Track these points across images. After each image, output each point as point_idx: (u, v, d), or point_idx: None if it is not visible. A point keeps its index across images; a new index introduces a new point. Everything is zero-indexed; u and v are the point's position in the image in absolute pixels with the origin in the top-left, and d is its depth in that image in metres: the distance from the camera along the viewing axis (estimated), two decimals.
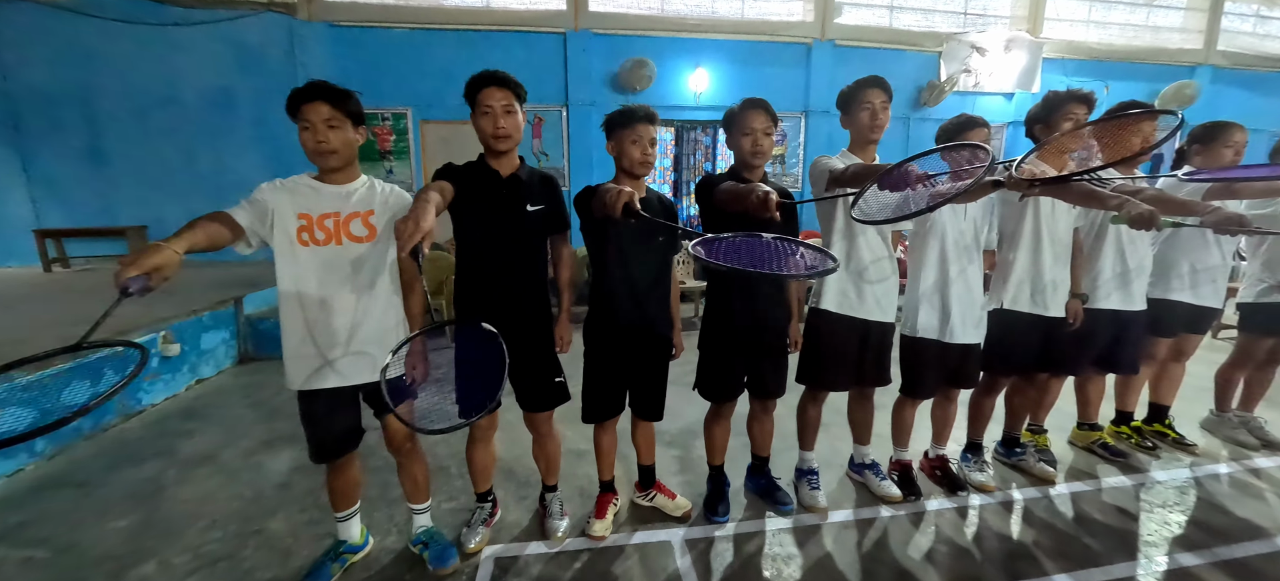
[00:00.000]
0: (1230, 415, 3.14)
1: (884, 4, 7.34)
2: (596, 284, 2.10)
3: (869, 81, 2.14)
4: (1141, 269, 2.52)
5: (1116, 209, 1.87)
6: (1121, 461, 2.80)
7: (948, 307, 2.27)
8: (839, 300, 2.23)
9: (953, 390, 2.52)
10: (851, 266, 2.21)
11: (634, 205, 1.48)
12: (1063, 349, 2.49)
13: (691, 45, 6.98)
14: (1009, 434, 2.79)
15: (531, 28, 6.74)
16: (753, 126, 2.05)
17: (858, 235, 2.19)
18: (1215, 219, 1.93)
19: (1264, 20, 8.25)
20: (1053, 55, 7.70)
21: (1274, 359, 3.01)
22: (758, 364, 2.25)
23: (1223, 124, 2.63)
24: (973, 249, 2.28)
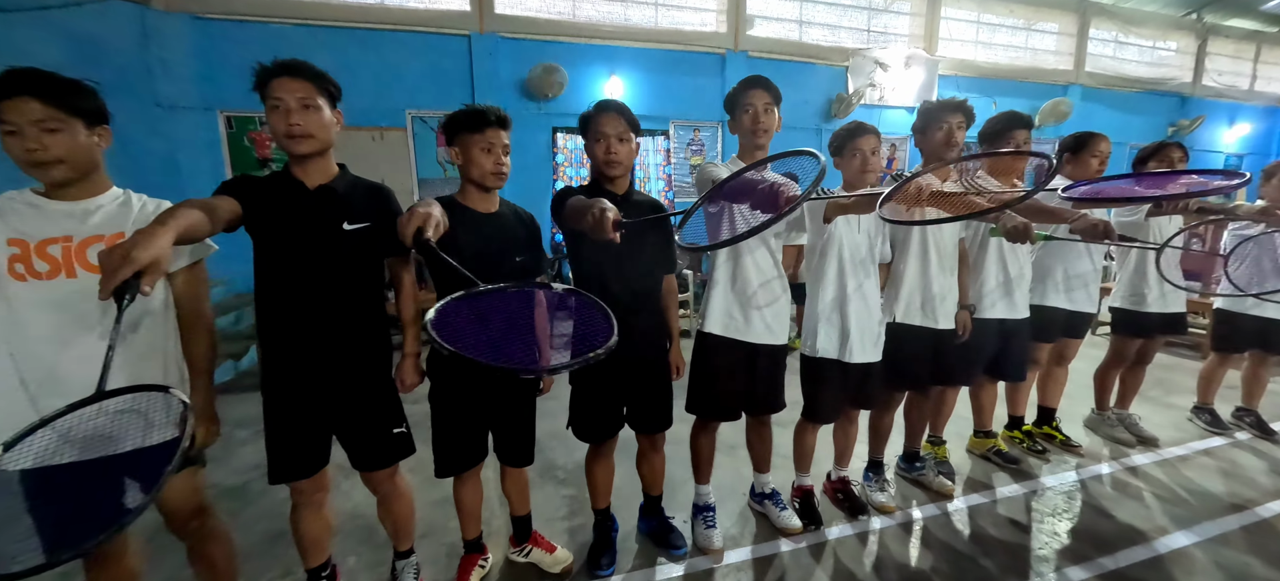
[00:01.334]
0: (1109, 413, 3.27)
1: (793, 18, 7.49)
2: None
3: (750, 82, 1.98)
4: (1022, 277, 2.53)
5: (994, 221, 1.80)
6: (1014, 467, 2.82)
7: (846, 326, 2.15)
8: (724, 323, 2.05)
9: (854, 411, 2.40)
10: (737, 287, 2.04)
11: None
12: (954, 360, 2.45)
13: (605, 52, 6.79)
14: (909, 448, 2.73)
15: (433, 29, 6.29)
16: (604, 131, 1.83)
17: (744, 255, 2.02)
18: (1083, 226, 1.91)
19: (1121, 45, 9.19)
20: (947, 72, 8.17)
21: (1144, 358, 3.17)
22: (637, 395, 2.02)
23: (1090, 135, 2.72)
24: (868, 262, 2.18)
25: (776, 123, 2.01)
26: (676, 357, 2.08)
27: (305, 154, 1.53)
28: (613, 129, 1.84)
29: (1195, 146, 9.95)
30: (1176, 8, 9.26)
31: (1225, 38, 9.81)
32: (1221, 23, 9.69)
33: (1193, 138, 9.83)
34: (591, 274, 1.92)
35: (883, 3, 7.95)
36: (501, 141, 1.69)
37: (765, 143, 2.01)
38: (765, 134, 1.98)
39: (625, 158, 1.87)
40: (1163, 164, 2.83)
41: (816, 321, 2.19)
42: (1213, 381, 3.33)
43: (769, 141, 2.02)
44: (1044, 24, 8.80)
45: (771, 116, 1.98)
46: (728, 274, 2.04)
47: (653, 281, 2.01)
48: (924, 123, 2.30)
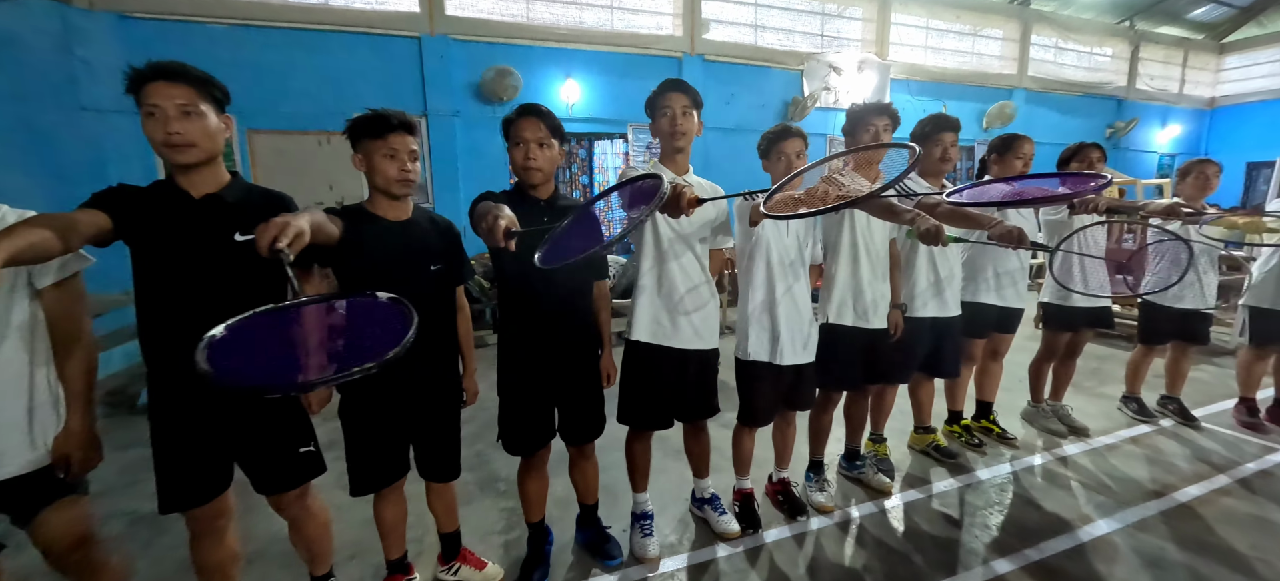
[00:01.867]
0: (1044, 405, 3.37)
1: (748, 23, 7.58)
2: None
3: (668, 84, 1.96)
4: (952, 276, 2.58)
5: (910, 223, 1.83)
6: (952, 462, 2.87)
7: (776, 329, 2.14)
8: (652, 330, 2.02)
9: (790, 412, 2.41)
10: (663, 293, 2.01)
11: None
12: (888, 359, 2.48)
13: (560, 55, 6.73)
14: (849, 446, 2.76)
15: (381, 30, 6.12)
16: (524, 136, 1.78)
17: (670, 260, 2.00)
18: (998, 232, 1.95)
19: (1061, 50, 9.62)
20: (898, 76, 8.39)
21: (1074, 351, 3.28)
22: (567, 405, 1.97)
23: (1015, 136, 2.80)
24: (798, 265, 2.18)
25: (696, 126, 1.99)
26: (607, 365, 2.04)
27: (187, 163, 1.43)
28: (532, 134, 1.80)
29: (1131, 147, 10.49)
30: (1110, 15, 9.73)
31: (1156, 44, 10.36)
32: (1152, 30, 10.24)
33: (1129, 138, 10.35)
34: (515, 281, 1.87)
35: (836, 8, 8.11)
36: (407, 147, 1.62)
37: (685, 145, 2.00)
38: (684, 137, 1.96)
39: (546, 164, 1.82)
40: (1083, 164, 2.94)
41: (747, 324, 2.18)
42: (1139, 372, 3.47)
43: (689, 145, 2.01)
44: (989, 30, 9.14)
45: (690, 120, 1.96)
46: (653, 280, 2.01)
47: (581, 287, 1.97)
48: (852, 125, 2.33)
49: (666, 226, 1.99)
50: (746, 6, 7.55)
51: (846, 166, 1.58)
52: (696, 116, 1.99)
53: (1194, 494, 2.59)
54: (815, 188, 1.47)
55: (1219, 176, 3.08)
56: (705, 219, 2.05)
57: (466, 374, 1.95)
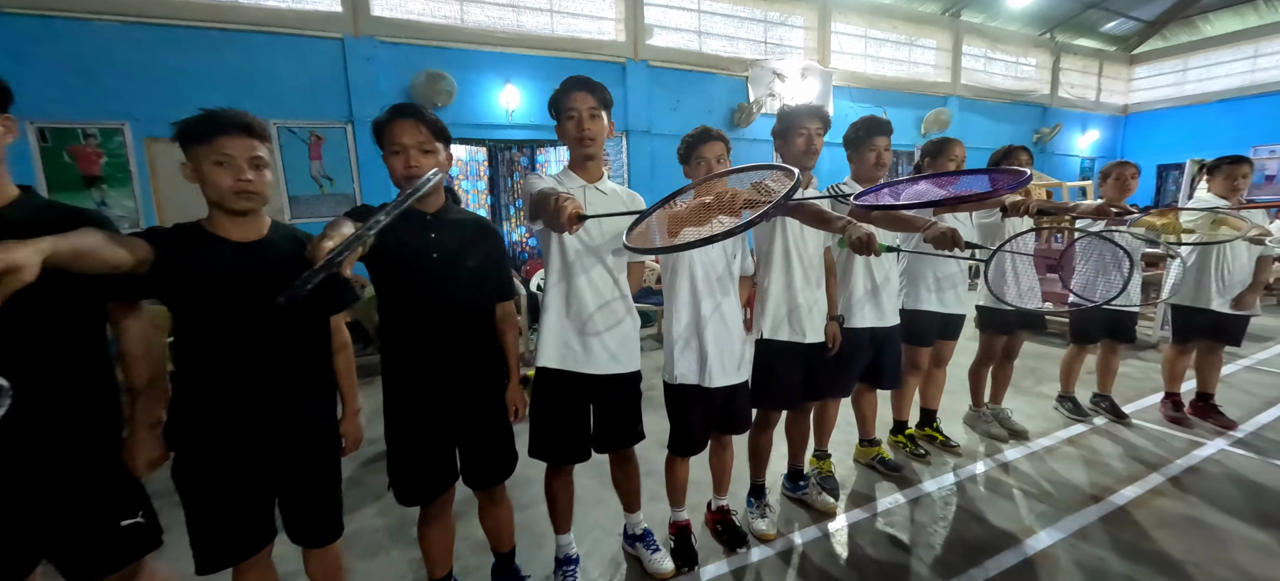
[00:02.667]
0: (985, 409, 3.35)
1: (692, 29, 7.52)
2: (180, 370, 1.42)
3: (572, 83, 1.77)
4: (889, 283, 2.49)
5: (841, 231, 1.70)
6: (897, 475, 2.78)
7: (704, 349, 1.97)
8: (561, 355, 1.81)
9: (726, 436, 2.24)
10: (571, 313, 1.81)
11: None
12: (827, 373, 2.36)
13: (499, 59, 6.45)
14: (792, 466, 2.62)
15: (298, 31, 5.69)
16: (402, 142, 1.54)
17: (578, 276, 1.80)
18: (932, 234, 1.85)
19: (990, 60, 10.05)
20: (841, 83, 8.54)
21: (1011, 353, 3.27)
22: (469, 443, 1.73)
23: (947, 140, 2.76)
24: (726, 280, 2.01)
25: (607, 129, 1.81)
26: (514, 396, 1.81)
27: None
28: (412, 139, 1.56)
29: (1056, 151, 11.07)
30: (1033, 27, 10.25)
31: (1074, 55, 11.00)
32: (1070, 42, 10.86)
33: (1054, 143, 10.92)
34: (399, 303, 1.62)
35: (778, 16, 8.17)
36: (247, 153, 1.34)
37: (595, 151, 1.81)
38: (593, 142, 1.77)
39: (427, 169, 1.58)
40: (1012, 166, 2.93)
41: (673, 346, 2.00)
42: (1072, 371, 3.51)
43: (600, 150, 1.83)
44: (924, 40, 9.44)
45: (599, 123, 1.78)
46: (560, 298, 1.81)
47: (479, 309, 1.73)
48: (783, 128, 2.20)
49: (573, 238, 1.79)
50: (690, 12, 7.49)
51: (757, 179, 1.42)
52: (606, 118, 1.81)
53: (1130, 495, 2.58)
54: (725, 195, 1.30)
55: (1137, 178, 3.15)
56: (617, 230, 1.86)
57: (346, 416, 1.68)
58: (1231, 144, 10.22)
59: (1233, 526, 2.33)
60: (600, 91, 1.79)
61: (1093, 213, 2.56)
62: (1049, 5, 9.59)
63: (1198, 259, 3.20)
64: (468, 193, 6.60)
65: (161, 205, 5.46)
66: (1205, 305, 3.18)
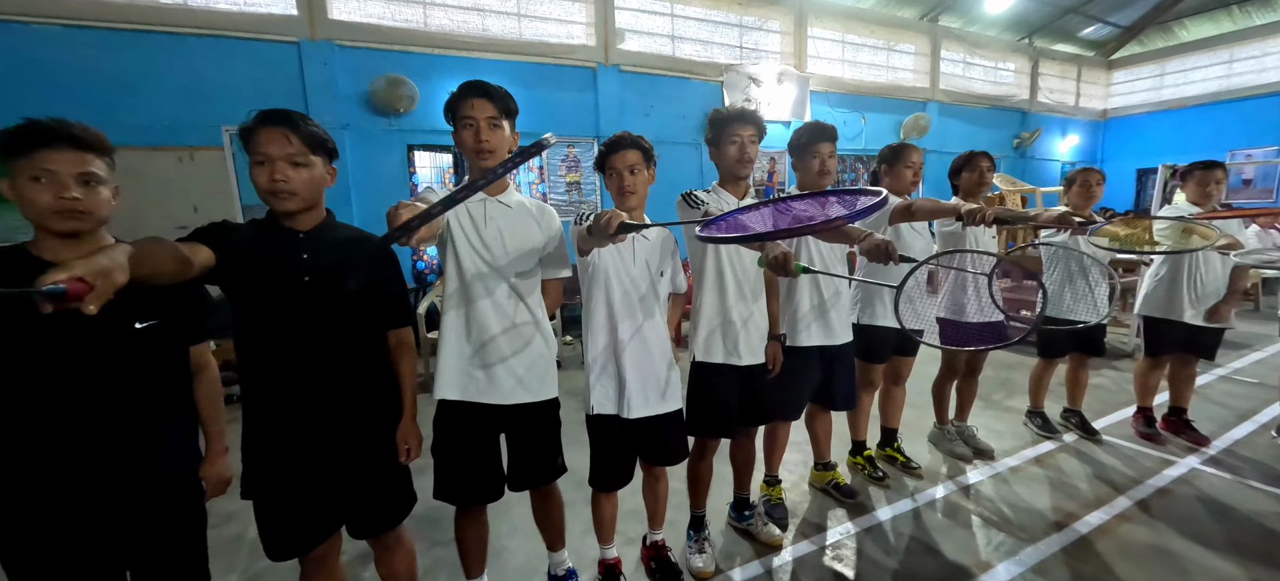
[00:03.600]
0: (949, 426, 3.20)
1: (665, 33, 7.38)
2: None
3: (470, 88, 1.61)
4: (838, 297, 2.33)
5: (759, 248, 1.54)
6: (852, 502, 2.61)
7: (622, 376, 1.80)
8: (461, 385, 1.63)
9: (658, 468, 2.06)
10: (471, 338, 1.63)
11: None
12: (770, 396, 2.19)
13: (463, 64, 6.27)
14: (738, 494, 2.45)
15: (251, 34, 5.48)
16: (267, 152, 1.36)
17: (479, 299, 1.63)
18: (867, 246, 1.70)
19: (969, 65, 10.01)
20: (818, 88, 8.43)
21: (974, 368, 3.13)
22: (349, 491, 1.54)
23: (904, 146, 2.62)
24: (649, 300, 1.85)
25: (508, 139, 1.65)
26: (406, 433, 1.62)
27: None
28: (279, 149, 1.37)
29: (1036, 156, 11.04)
30: (1011, 33, 10.23)
31: (1053, 60, 10.99)
32: (1049, 47, 10.85)
33: (1033, 148, 10.89)
34: (262, 330, 1.43)
35: (753, 20, 8.07)
36: (75, 168, 1.16)
37: (492, 163, 1.64)
38: (491, 154, 1.61)
39: (302, 187, 1.40)
40: (974, 172, 2.79)
41: (589, 373, 1.83)
42: (1041, 385, 3.37)
43: (490, 158, 1.66)
44: (902, 45, 9.37)
45: (499, 134, 1.63)
46: (458, 323, 1.63)
47: (363, 337, 1.55)
48: (715, 134, 2.04)
49: (471, 255, 1.62)
50: (663, 17, 7.36)
51: None
52: (509, 128, 1.65)
53: (1095, 522, 2.43)
54: None
55: (1103, 185, 3.03)
56: (525, 247, 1.69)
57: (208, 457, 1.49)
58: (1209, 148, 10.25)
59: (1199, 557, 2.19)
60: (501, 99, 1.62)
61: (1054, 221, 2.42)
62: (1026, 11, 9.57)
63: (1169, 269, 3.08)
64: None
65: None
66: (1177, 317, 3.06)
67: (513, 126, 1.69)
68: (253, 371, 1.45)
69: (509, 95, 1.66)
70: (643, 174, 1.81)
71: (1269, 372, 4.43)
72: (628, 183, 1.78)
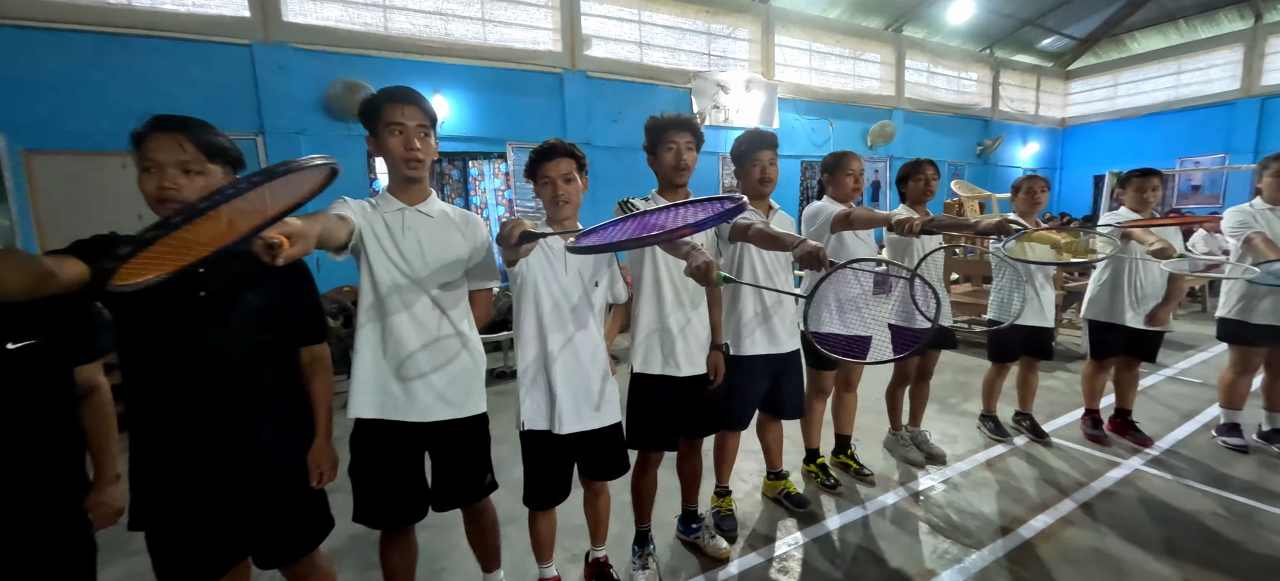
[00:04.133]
0: (903, 432, 3.21)
1: (632, 40, 7.39)
2: None
3: (398, 94, 1.55)
4: (781, 305, 2.31)
5: (685, 257, 1.50)
6: (803, 511, 2.59)
7: (553, 390, 1.74)
8: (378, 403, 1.56)
9: (598, 482, 2.00)
10: (388, 353, 1.56)
11: None
12: (715, 408, 2.16)
13: (426, 69, 6.18)
14: (685, 507, 2.40)
15: (201, 37, 5.30)
16: (156, 158, 1.27)
17: (397, 312, 1.56)
18: (800, 253, 1.68)
19: (933, 74, 10.24)
20: (786, 95, 8.53)
21: (925, 374, 3.14)
22: (257, 519, 1.44)
23: (845, 154, 2.61)
24: (582, 310, 1.79)
25: (433, 150, 1.62)
26: (320, 457, 1.54)
27: None
28: (170, 157, 1.28)
29: (999, 162, 11.33)
30: (973, 43, 10.51)
31: (1013, 70, 11.32)
32: (1009, 58, 11.18)
33: (996, 155, 11.18)
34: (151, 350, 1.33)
35: (724, 28, 8.12)
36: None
37: (420, 174, 1.60)
38: (419, 163, 1.57)
39: (193, 196, 1.31)
40: (919, 181, 2.82)
41: (520, 387, 1.77)
42: (993, 390, 3.41)
43: (424, 172, 1.62)
44: (868, 54, 9.54)
45: (428, 143, 1.58)
46: (373, 338, 1.56)
47: (268, 356, 1.46)
48: (651, 141, 2.01)
49: (387, 267, 1.56)
50: (630, 23, 7.37)
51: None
52: (433, 138, 1.62)
53: (1039, 526, 2.45)
54: None
55: (1047, 191, 3.08)
56: (448, 258, 1.63)
57: (97, 485, 1.39)
58: (1161, 155, 10.65)
59: (1139, 559, 2.21)
60: (426, 105, 1.57)
61: (992, 228, 2.45)
62: (987, 22, 9.84)
63: (1111, 274, 3.15)
64: None
65: (42, 223, 4.97)
66: (1119, 321, 3.12)
67: (434, 137, 1.64)
68: (140, 394, 1.36)
69: (429, 105, 1.61)
70: (576, 183, 1.76)
71: (1212, 373, 4.56)
72: (561, 191, 1.73)
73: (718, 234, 2.17)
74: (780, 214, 2.37)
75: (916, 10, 9.13)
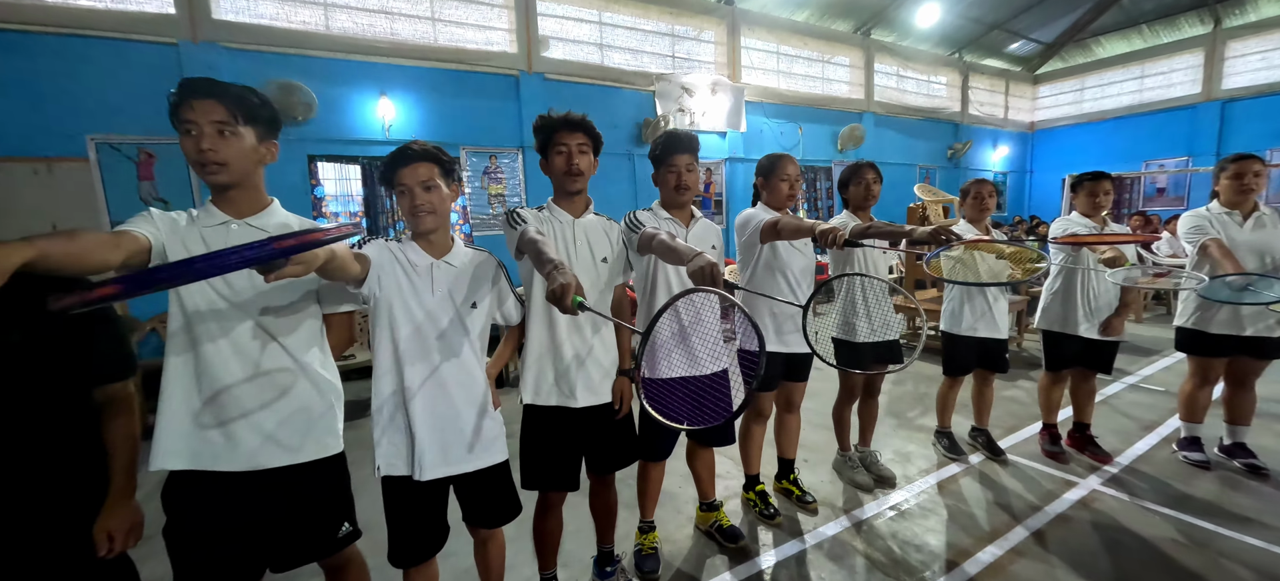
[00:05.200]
0: (852, 453, 3.02)
1: (592, 42, 7.17)
2: None
3: (192, 87, 1.30)
4: (700, 324, 2.09)
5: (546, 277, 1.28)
6: (734, 546, 2.37)
7: (413, 430, 1.50)
8: (191, 451, 1.31)
9: (484, 531, 1.76)
10: (202, 390, 1.31)
11: None
12: (626, 439, 1.93)
13: (372, 70, 5.89)
14: (600, 548, 2.17)
15: (123, 35, 4.96)
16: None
17: (213, 340, 1.31)
18: (693, 269, 1.46)
19: (902, 78, 10.19)
20: (753, 99, 8.38)
21: (872, 390, 2.96)
22: None
23: (780, 157, 2.41)
24: (454, 337, 1.55)
25: (251, 153, 1.36)
26: (110, 520, 1.28)
27: None
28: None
29: (969, 166, 11.32)
30: (942, 48, 10.49)
31: (982, 75, 11.34)
32: (978, 62, 11.19)
33: (966, 158, 11.17)
34: None
35: (689, 30, 7.95)
36: None
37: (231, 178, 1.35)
38: (222, 167, 1.31)
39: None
40: (860, 186, 2.63)
41: (374, 427, 1.52)
42: (947, 404, 3.24)
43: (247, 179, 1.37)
44: (837, 58, 9.45)
45: (227, 145, 1.32)
46: (184, 371, 1.30)
47: (43, 401, 1.20)
48: (542, 143, 1.78)
49: (200, 287, 1.30)
50: (590, 25, 7.15)
51: None
52: (273, 148, 1.36)
53: (986, 560, 2.26)
54: None
55: (995, 197, 2.93)
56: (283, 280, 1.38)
57: None
58: (1127, 158, 10.73)
59: None
60: (229, 98, 1.31)
61: (927, 238, 2.26)
62: (955, 27, 9.83)
63: (1063, 284, 3.00)
64: (338, 215, 5.94)
65: None
66: (1073, 331, 2.97)
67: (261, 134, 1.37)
68: None
69: (248, 99, 1.33)
70: (440, 191, 1.53)
71: (1176, 379, 4.46)
72: (420, 200, 1.49)
73: (627, 245, 1.95)
74: (702, 223, 2.16)
75: (885, 14, 9.07)
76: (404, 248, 1.55)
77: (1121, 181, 10.71)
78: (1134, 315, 6.80)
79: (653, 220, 2.03)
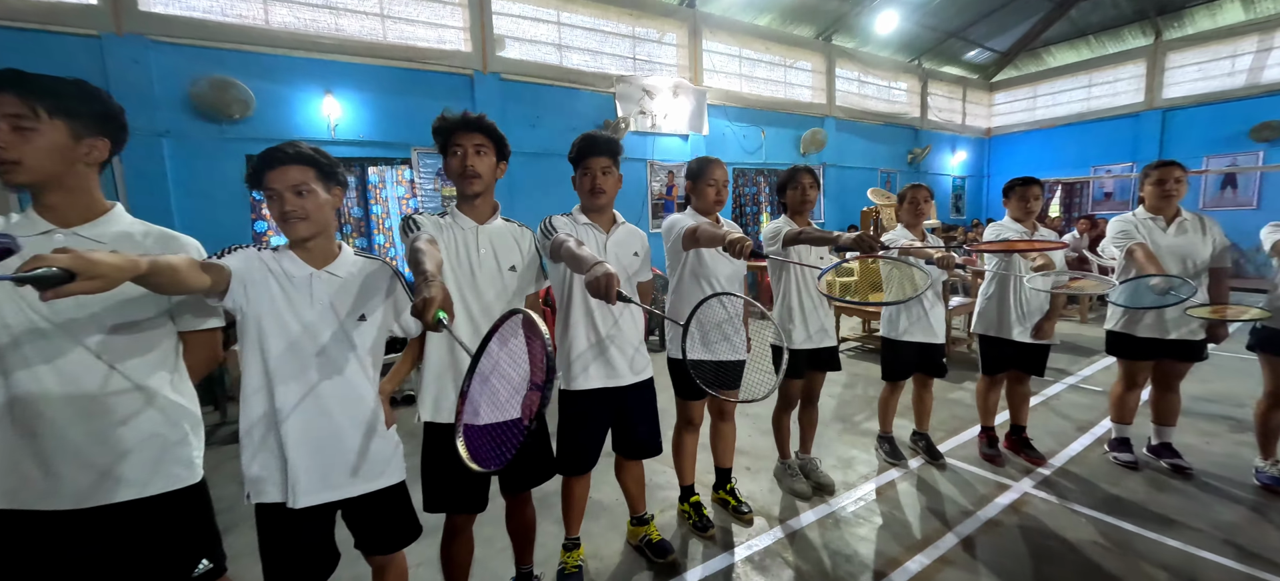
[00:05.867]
0: (792, 461, 2.98)
1: (550, 42, 7.07)
2: None
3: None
4: (619, 333, 2.02)
5: None
6: (663, 562, 2.30)
7: (284, 454, 1.38)
8: (9, 489, 1.17)
9: (377, 557, 1.64)
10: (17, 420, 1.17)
11: None
12: (542, 453, 1.84)
13: (316, 67, 5.67)
14: (519, 568, 2.07)
15: (39, 26, 4.65)
16: None
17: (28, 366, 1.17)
18: (588, 279, 1.39)
19: (863, 84, 10.36)
20: (715, 102, 8.38)
21: (811, 397, 2.93)
22: None
23: (708, 161, 2.36)
24: (337, 352, 1.43)
25: (38, 149, 1.21)
26: None
27: None
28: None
29: (929, 171, 11.56)
30: (901, 54, 10.69)
31: (940, 81, 11.60)
32: (937, 69, 11.45)
33: (926, 162, 11.41)
34: None
35: (649, 32, 7.91)
36: None
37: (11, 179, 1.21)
38: (14, 167, 1.17)
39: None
40: (796, 190, 2.60)
41: (242, 451, 1.40)
42: (888, 409, 3.24)
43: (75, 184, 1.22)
44: (799, 62, 9.54)
45: (26, 138, 1.18)
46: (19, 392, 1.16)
47: None
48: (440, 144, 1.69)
49: (19, 305, 1.17)
50: (548, 25, 7.05)
51: None
52: (58, 129, 1.21)
53: (915, 569, 2.24)
54: None
55: (930, 201, 2.94)
56: (121, 295, 1.25)
57: None
58: (1076, 163, 11.10)
59: None
60: (27, 89, 1.17)
61: (852, 244, 2.24)
62: (914, 34, 10.03)
63: (997, 289, 3.03)
64: None
65: None
66: (1006, 335, 3.00)
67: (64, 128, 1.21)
68: None
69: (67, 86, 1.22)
70: (316, 195, 1.41)
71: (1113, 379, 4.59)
72: (291, 206, 1.37)
73: (540, 250, 1.87)
74: (624, 228, 2.09)
75: (845, 20, 9.19)
76: (279, 257, 1.43)
77: (1072, 186, 11.09)
78: (1078, 316, 7.01)
79: (569, 225, 1.95)
